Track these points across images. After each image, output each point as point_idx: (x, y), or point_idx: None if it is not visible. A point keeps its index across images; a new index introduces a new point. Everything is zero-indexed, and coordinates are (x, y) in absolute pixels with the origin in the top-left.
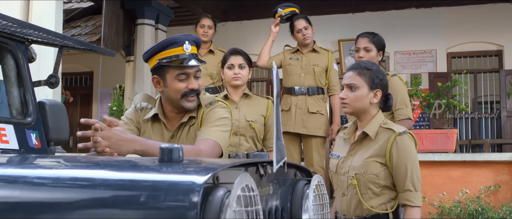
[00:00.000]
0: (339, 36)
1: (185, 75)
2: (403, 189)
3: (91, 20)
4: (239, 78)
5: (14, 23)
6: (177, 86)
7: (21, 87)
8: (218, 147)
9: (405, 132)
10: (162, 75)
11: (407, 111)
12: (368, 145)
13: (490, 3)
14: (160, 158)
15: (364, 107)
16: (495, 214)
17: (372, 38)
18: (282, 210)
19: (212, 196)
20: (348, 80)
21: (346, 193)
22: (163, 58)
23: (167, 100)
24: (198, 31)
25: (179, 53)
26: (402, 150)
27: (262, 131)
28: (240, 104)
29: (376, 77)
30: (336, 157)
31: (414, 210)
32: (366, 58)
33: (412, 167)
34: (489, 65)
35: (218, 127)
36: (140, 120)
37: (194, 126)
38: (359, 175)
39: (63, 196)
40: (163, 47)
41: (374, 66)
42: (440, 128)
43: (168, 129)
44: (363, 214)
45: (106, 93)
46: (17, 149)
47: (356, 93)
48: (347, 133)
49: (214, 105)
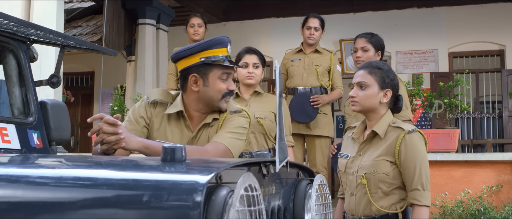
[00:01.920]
0: (340, 35)
1: (227, 75)
2: (411, 188)
3: (92, 20)
4: (253, 77)
5: (16, 22)
6: (220, 86)
7: (22, 87)
8: (228, 152)
9: (414, 130)
10: (204, 73)
11: (406, 113)
12: (378, 144)
13: (492, 2)
14: (163, 158)
15: (374, 106)
16: (497, 214)
17: (370, 38)
18: (284, 210)
19: (215, 196)
20: (359, 78)
21: (355, 192)
22: (210, 56)
23: (201, 100)
24: (189, 31)
25: (224, 54)
26: (410, 149)
27: (274, 128)
28: (250, 102)
29: (387, 77)
30: (345, 156)
31: (422, 210)
32: (363, 58)
33: (421, 166)
34: (491, 65)
35: (235, 134)
36: (152, 115)
37: (214, 128)
38: (369, 174)
39: (65, 196)
40: (210, 46)
41: (385, 66)
42: (442, 128)
43: (189, 129)
44: (372, 214)
45: (107, 93)
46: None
47: (366, 92)
48: (356, 133)
49: (237, 113)
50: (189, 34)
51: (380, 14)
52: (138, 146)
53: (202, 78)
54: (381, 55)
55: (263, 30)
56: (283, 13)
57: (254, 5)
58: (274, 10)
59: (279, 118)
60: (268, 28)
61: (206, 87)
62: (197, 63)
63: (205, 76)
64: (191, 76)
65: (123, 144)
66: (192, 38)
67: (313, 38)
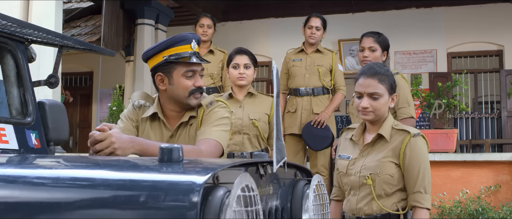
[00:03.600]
0: (339, 36)
1: (192, 72)
2: (413, 191)
3: (91, 20)
4: (244, 78)
5: (14, 23)
6: (185, 83)
7: (20, 87)
8: (219, 146)
9: (419, 134)
10: (168, 72)
11: (409, 110)
12: (382, 146)
13: (490, 3)
14: (160, 158)
15: (385, 113)
16: (496, 214)
17: (377, 38)
18: (282, 210)
19: (212, 196)
20: (371, 89)
21: (357, 192)
22: (172, 54)
23: (171, 99)
24: (198, 31)
25: (188, 51)
26: (415, 152)
27: (266, 129)
28: (244, 103)
29: (393, 82)
30: (346, 158)
31: (423, 212)
32: (371, 58)
33: (425, 170)
34: (490, 65)
35: (219, 126)
36: (138, 118)
37: (194, 125)
38: (374, 175)
39: (62, 196)
40: (172, 44)
41: (388, 70)
42: (440, 128)
43: (168, 129)
44: (374, 214)
45: (106, 93)
46: (16, 149)
47: (380, 101)
48: (356, 135)
49: (214, 105)
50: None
51: (378, 14)
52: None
53: (167, 76)
54: (387, 54)
55: (262, 30)
56: (282, 13)
57: (253, 5)
58: (273, 10)
59: (277, 119)
60: (267, 28)
61: (172, 86)
62: (161, 62)
63: (169, 75)
64: (157, 76)
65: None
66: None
67: (314, 38)
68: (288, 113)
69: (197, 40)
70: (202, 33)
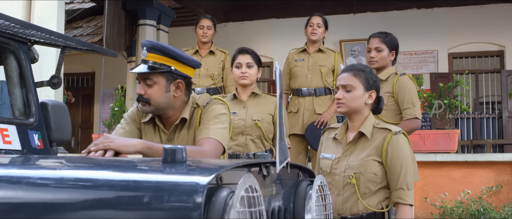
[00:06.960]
0: (340, 36)
1: (138, 80)
2: (396, 188)
3: (92, 21)
4: (247, 78)
5: (17, 23)
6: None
7: (23, 87)
8: (219, 145)
9: (400, 131)
10: None
11: (414, 111)
12: (364, 145)
13: (491, 3)
14: (164, 159)
15: (359, 107)
16: (497, 215)
17: (384, 38)
18: (285, 211)
19: (215, 197)
20: (344, 81)
21: (342, 192)
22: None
23: None
24: (198, 32)
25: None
26: (397, 149)
27: (271, 130)
28: (248, 103)
29: (371, 79)
30: (330, 157)
31: (406, 208)
32: (377, 58)
33: (407, 166)
34: (491, 66)
35: (217, 124)
36: (141, 121)
37: (192, 126)
38: (358, 174)
39: (66, 197)
40: None
41: (367, 68)
42: (442, 129)
43: (165, 132)
44: (360, 213)
45: (107, 93)
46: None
47: (352, 94)
48: (339, 134)
49: (211, 103)
50: (197, 35)
51: (380, 15)
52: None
53: None
54: (396, 54)
55: (263, 31)
56: (283, 14)
57: (254, 6)
58: (274, 11)
59: (280, 119)
60: (268, 28)
61: None
62: None
63: None
64: None
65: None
66: (200, 40)
67: (316, 33)
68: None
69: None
70: (202, 35)
